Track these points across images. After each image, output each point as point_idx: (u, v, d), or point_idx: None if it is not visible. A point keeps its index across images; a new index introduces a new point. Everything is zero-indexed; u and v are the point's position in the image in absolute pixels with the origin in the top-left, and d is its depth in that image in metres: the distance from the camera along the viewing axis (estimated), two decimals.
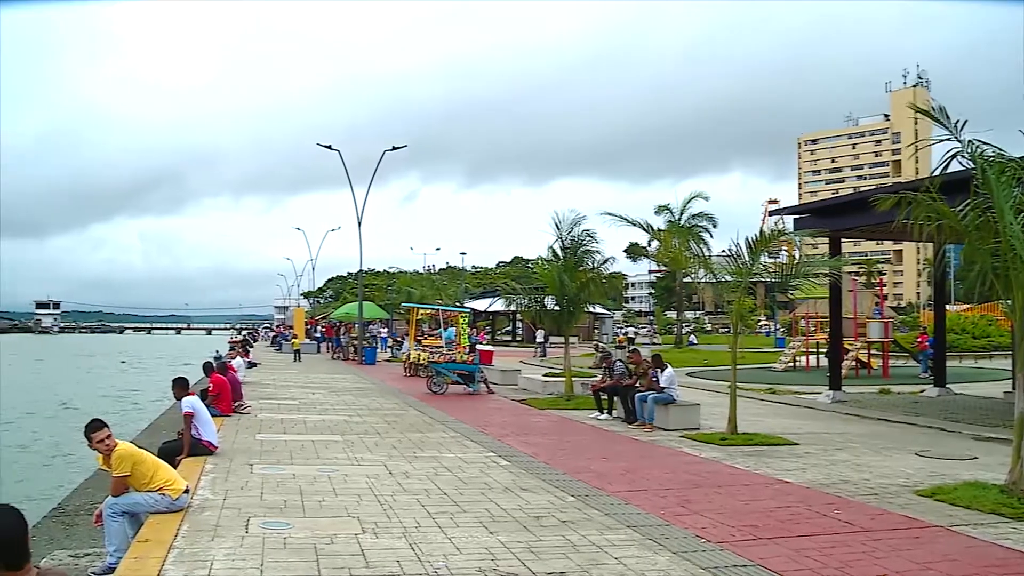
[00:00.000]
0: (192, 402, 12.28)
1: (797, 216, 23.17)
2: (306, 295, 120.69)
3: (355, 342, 44.01)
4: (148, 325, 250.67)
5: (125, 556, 7.26)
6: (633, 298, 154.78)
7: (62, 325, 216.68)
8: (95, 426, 8.21)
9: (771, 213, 70.84)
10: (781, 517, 8.82)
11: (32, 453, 22.94)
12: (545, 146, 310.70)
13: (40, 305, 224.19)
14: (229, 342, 54.11)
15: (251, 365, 28.91)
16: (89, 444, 8.21)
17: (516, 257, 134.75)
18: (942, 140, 10.69)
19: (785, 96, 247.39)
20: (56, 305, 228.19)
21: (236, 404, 17.80)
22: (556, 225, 22.88)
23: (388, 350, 46.98)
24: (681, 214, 53.29)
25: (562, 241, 22.92)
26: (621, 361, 18.95)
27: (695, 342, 62.79)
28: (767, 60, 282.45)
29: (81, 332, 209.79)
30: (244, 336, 63.91)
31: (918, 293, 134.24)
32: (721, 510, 9.09)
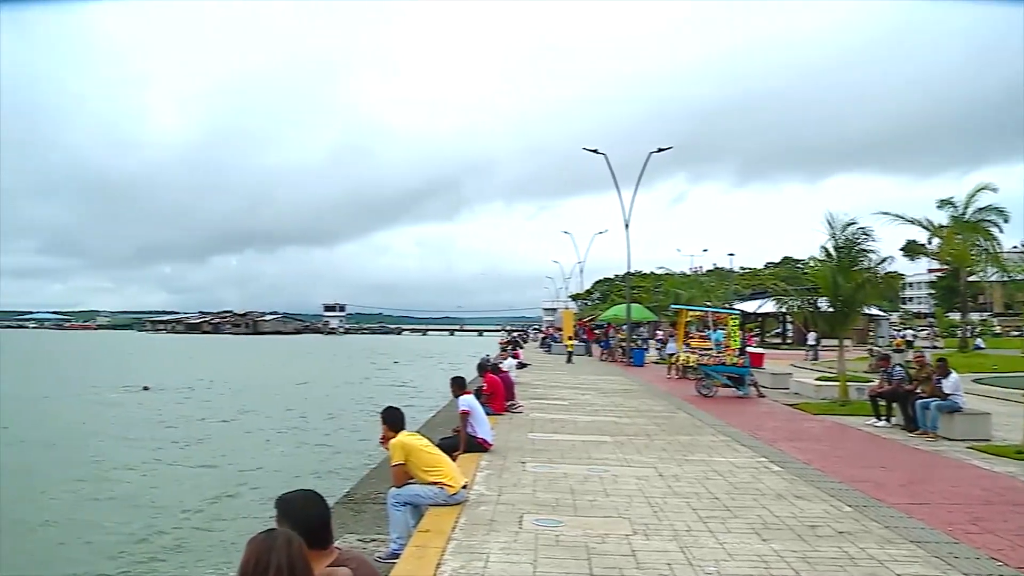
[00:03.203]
0: (468, 400, 12.74)
1: None
2: (574, 297, 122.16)
3: (623, 344, 44.16)
4: (424, 327, 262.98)
5: (408, 544, 7.64)
6: (911, 299, 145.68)
7: (347, 327, 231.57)
8: (383, 415, 8.93)
9: None
10: None
11: (321, 445, 24.56)
12: (821, 141, 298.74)
13: (328, 308, 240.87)
14: (499, 343, 55.77)
15: (522, 366, 29.63)
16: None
17: (785, 257, 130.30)
18: None
19: None
20: (342, 308, 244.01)
21: (509, 403, 18.29)
22: (829, 223, 21.98)
23: (656, 352, 46.82)
24: (966, 208, 49.51)
25: (835, 240, 21.98)
26: (901, 365, 17.93)
27: (982, 346, 58.04)
28: None
29: (363, 333, 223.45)
30: (514, 337, 65.61)
31: None
32: (1020, 531, 8.31)
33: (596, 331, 56.46)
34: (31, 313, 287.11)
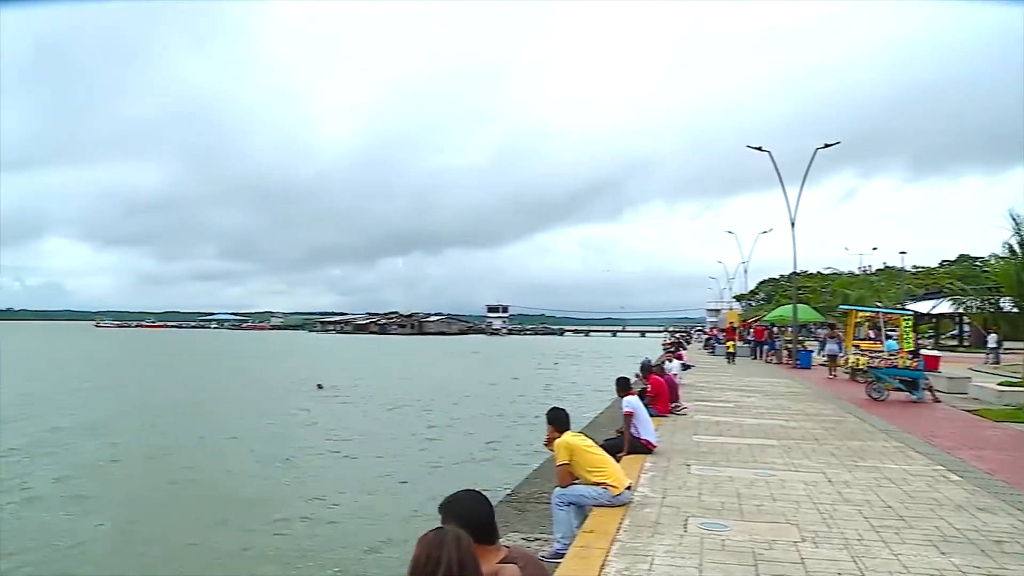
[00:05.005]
0: (632, 402, 12.74)
1: None
2: (738, 298, 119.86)
3: (789, 345, 43.11)
4: (586, 328, 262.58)
5: (572, 544, 7.71)
6: None
7: (510, 327, 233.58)
8: (548, 415, 9.09)
9: None
10: None
11: (486, 443, 24.91)
12: (1004, 129, 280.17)
13: (491, 309, 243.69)
14: (662, 344, 55.30)
15: (685, 367, 29.33)
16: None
17: (962, 255, 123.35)
18: None
19: None
20: (505, 309, 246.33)
21: (673, 405, 18.18)
22: (1013, 218, 20.88)
23: (823, 355, 45.37)
24: None
25: (1020, 235, 20.85)
26: None
27: None
28: None
29: (525, 334, 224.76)
30: (677, 338, 64.92)
31: None
32: None
33: (735, 331, 54.74)
34: (213, 314, 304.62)
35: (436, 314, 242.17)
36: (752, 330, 52.58)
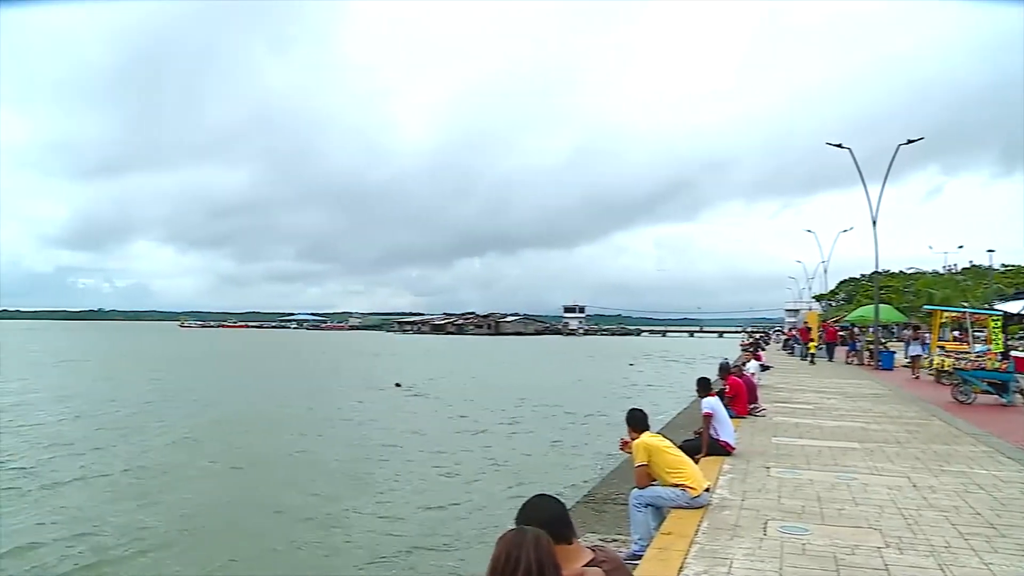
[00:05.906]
0: (712, 403, 12.65)
1: None
2: (818, 298, 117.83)
3: (871, 346, 42.24)
4: (663, 328, 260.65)
5: (650, 546, 7.69)
6: None
7: (586, 328, 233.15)
8: (627, 417, 9.12)
9: None
10: None
11: (561, 444, 24.90)
12: None
13: (567, 309, 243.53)
14: (740, 345, 54.60)
15: (764, 368, 28.94)
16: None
17: None
18: None
19: None
20: (581, 309, 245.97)
21: (751, 406, 17.98)
22: None
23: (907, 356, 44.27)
24: None
25: None
26: None
27: None
28: None
29: (602, 334, 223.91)
30: (756, 339, 64.06)
31: None
32: None
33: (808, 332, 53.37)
34: (292, 315, 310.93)
35: (512, 314, 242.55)
36: (824, 331, 50.65)
